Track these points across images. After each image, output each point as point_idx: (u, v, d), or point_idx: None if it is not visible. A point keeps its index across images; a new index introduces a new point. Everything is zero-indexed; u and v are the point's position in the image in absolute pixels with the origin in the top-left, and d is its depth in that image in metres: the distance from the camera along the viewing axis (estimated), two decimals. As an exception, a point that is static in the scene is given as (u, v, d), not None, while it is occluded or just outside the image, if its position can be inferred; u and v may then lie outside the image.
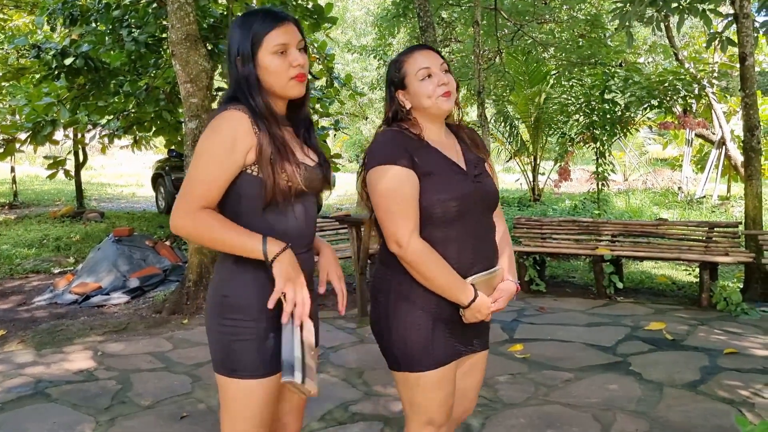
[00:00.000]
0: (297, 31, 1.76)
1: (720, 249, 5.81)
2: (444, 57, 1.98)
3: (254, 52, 1.71)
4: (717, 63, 12.96)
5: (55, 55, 6.67)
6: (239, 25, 1.74)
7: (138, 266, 6.59)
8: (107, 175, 23.69)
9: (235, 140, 1.64)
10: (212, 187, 1.65)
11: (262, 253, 1.62)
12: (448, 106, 1.91)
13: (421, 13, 7.12)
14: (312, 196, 1.81)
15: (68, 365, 4.16)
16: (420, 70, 1.89)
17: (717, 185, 13.35)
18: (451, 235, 1.87)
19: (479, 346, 2.03)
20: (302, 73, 1.74)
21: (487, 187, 1.96)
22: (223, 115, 1.66)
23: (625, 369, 4.00)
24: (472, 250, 1.89)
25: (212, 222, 1.64)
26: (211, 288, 1.78)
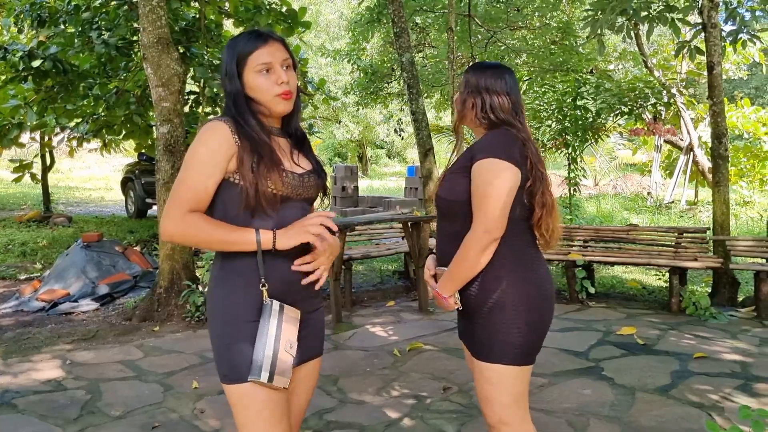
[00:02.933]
0: (282, 50, 1.82)
1: (689, 254, 5.91)
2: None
3: (240, 72, 1.79)
4: (685, 71, 13.23)
5: (22, 57, 6.53)
6: (227, 46, 1.84)
7: (107, 272, 6.47)
8: (75, 179, 23.32)
9: (218, 148, 1.71)
10: (199, 191, 1.72)
11: (256, 244, 1.69)
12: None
13: (396, 19, 7.13)
14: (303, 202, 1.85)
15: (36, 375, 4.06)
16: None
17: (685, 190, 13.61)
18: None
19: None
20: (287, 91, 1.79)
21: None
22: (207, 126, 1.75)
23: (597, 374, 4.04)
24: (437, 248, 2.15)
25: (202, 223, 1.71)
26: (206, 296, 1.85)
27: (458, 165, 2.04)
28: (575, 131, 8.58)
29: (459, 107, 2.15)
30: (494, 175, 1.91)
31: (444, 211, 2.08)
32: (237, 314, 1.73)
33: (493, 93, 2.06)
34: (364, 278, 7.38)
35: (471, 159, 1.98)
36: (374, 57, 15.70)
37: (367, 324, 5.31)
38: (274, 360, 1.67)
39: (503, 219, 1.91)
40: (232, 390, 1.72)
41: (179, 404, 3.56)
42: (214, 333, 1.77)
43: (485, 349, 2.01)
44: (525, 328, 2.01)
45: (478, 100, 2.07)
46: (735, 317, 5.44)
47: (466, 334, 2.11)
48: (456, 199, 2.00)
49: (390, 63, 14.44)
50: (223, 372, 1.74)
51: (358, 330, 5.15)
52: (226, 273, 1.76)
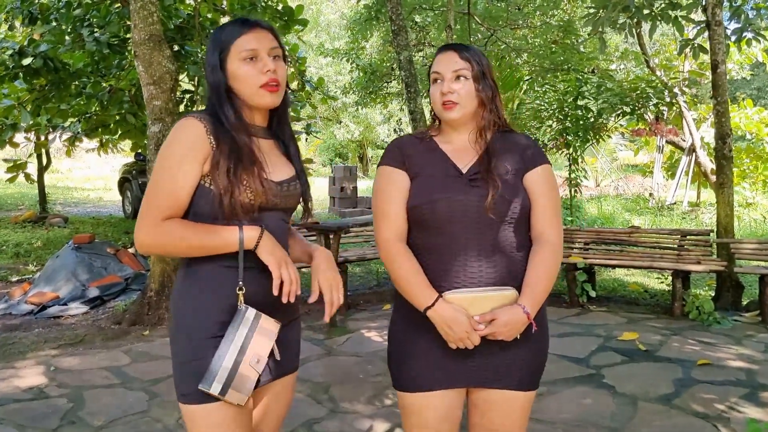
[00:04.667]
0: (271, 38, 1.66)
1: (692, 257, 5.78)
2: (470, 57, 1.80)
3: (223, 60, 1.63)
4: (687, 71, 13.10)
5: (12, 55, 6.40)
6: (212, 34, 1.69)
7: (98, 275, 6.34)
8: (74, 179, 23.21)
9: (192, 145, 1.56)
10: (176, 194, 1.56)
11: (238, 243, 1.55)
12: (449, 116, 1.80)
13: (394, 17, 7.01)
14: (282, 212, 1.71)
15: (18, 382, 3.93)
16: (432, 73, 1.84)
17: (687, 192, 13.48)
18: (432, 243, 1.74)
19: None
20: (273, 79, 1.62)
21: (487, 192, 1.71)
22: (179, 124, 1.61)
23: (598, 382, 3.91)
24: (460, 264, 1.71)
25: (180, 228, 1.55)
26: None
27: (510, 167, 1.77)
28: (576, 131, 8.44)
29: (477, 100, 1.79)
30: (557, 182, 1.81)
31: (508, 217, 1.73)
32: (199, 328, 1.58)
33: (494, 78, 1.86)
34: (360, 281, 7.25)
35: (523, 161, 1.79)
36: (373, 56, 15.58)
37: (362, 329, 5.18)
38: (233, 372, 1.52)
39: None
40: (187, 411, 1.58)
41: (163, 413, 3.43)
42: (174, 348, 1.63)
43: (532, 377, 1.79)
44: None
45: (497, 95, 1.83)
46: (739, 322, 5.31)
47: (501, 366, 1.76)
48: (528, 204, 1.76)
49: (389, 62, 14.32)
50: (181, 390, 1.59)
51: (353, 335, 5.02)
52: (190, 282, 1.62)
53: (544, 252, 1.74)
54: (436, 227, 1.73)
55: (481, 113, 1.82)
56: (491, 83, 1.81)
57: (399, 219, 1.76)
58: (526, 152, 1.82)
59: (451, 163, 1.79)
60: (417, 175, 1.78)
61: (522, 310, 1.67)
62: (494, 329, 1.65)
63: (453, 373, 1.75)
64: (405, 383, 1.78)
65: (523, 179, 1.79)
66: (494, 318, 1.65)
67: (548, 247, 1.74)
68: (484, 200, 1.70)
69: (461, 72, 1.77)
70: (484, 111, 1.81)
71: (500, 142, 1.82)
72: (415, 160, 1.80)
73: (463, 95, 1.77)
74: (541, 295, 1.71)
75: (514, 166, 1.79)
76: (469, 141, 1.83)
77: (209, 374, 1.52)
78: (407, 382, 1.78)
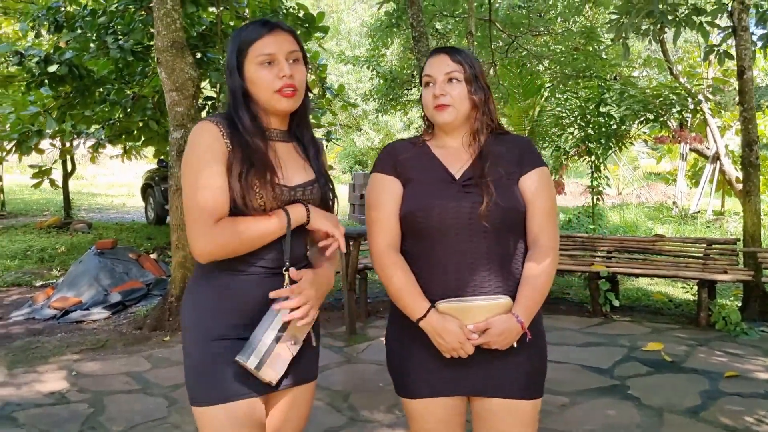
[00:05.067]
0: (291, 41, 1.65)
1: (718, 266, 5.67)
2: (462, 60, 1.79)
3: (241, 63, 1.62)
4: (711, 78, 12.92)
5: (38, 62, 6.49)
6: (233, 34, 1.68)
7: (120, 280, 6.38)
8: (99, 185, 23.48)
9: (211, 148, 1.57)
10: (214, 197, 1.55)
11: (287, 223, 1.59)
12: (441, 118, 1.77)
13: (414, 23, 7.00)
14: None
15: (39, 386, 3.96)
16: (423, 76, 1.81)
17: (711, 200, 13.27)
18: (425, 250, 1.71)
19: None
20: (289, 85, 1.61)
21: (481, 199, 1.68)
22: (195, 129, 1.62)
23: (623, 393, 3.84)
24: (453, 273, 1.68)
25: (234, 224, 1.55)
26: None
27: (503, 171, 1.74)
28: (598, 138, 8.35)
29: (470, 102, 1.77)
30: (553, 186, 1.78)
31: (502, 224, 1.69)
32: (208, 332, 1.59)
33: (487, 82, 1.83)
34: (380, 288, 7.20)
35: (519, 164, 1.76)
36: (394, 63, 15.58)
37: (382, 336, 5.14)
38: (270, 349, 1.54)
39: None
40: (199, 413, 1.58)
41: (183, 420, 3.43)
42: (184, 352, 1.64)
43: (533, 385, 1.76)
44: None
45: (489, 97, 1.81)
46: (767, 333, 5.19)
47: (499, 375, 1.72)
48: (523, 210, 1.73)
49: (410, 69, 14.31)
50: (192, 394, 1.60)
51: (373, 342, 4.99)
52: (200, 288, 1.63)
53: (539, 258, 1.71)
54: (428, 234, 1.71)
55: (473, 116, 1.80)
56: (484, 86, 1.79)
57: (392, 227, 1.75)
58: (521, 155, 1.79)
59: (444, 168, 1.77)
60: (409, 181, 1.76)
61: (515, 320, 1.65)
62: (488, 338, 1.65)
63: (450, 381, 1.73)
64: (405, 390, 1.78)
65: (518, 182, 1.76)
66: (488, 327, 1.64)
67: (543, 252, 1.72)
68: (478, 206, 1.67)
69: (453, 74, 1.75)
70: (477, 113, 1.79)
71: (494, 145, 1.79)
72: (408, 165, 1.78)
73: (455, 97, 1.75)
74: (535, 303, 1.70)
75: (508, 169, 1.75)
76: (462, 144, 1.81)
77: (248, 347, 1.54)
78: (407, 389, 1.78)
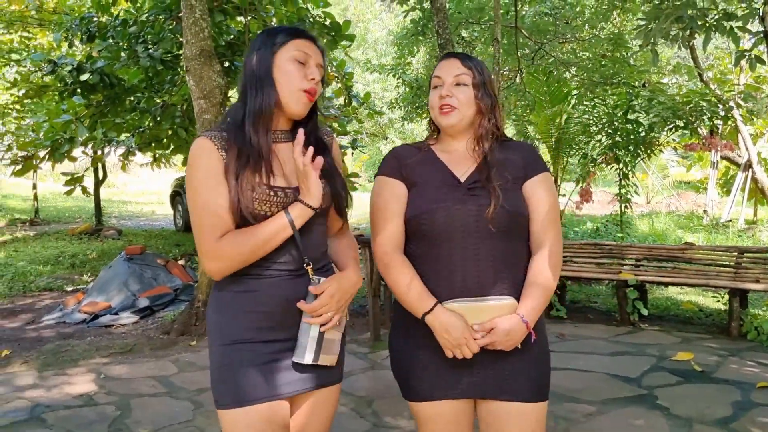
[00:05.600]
0: (320, 56, 1.70)
1: (750, 275, 5.55)
2: (473, 66, 1.81)
3: (274, 52, 1.64)
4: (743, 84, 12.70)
5: (71, 71, 6.64)
6: (268, 29, 1.71)
7: (149, 285, 6.48)
8: (129, 193, 23.87)
9: (207, 165, 1.60)
10: (217, 214, 1.58)
11: (290, 226, 1.59)
12: (446, 120, 1.79)
13: (440, 31, 7.01)
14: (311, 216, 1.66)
15: (69, 389, 4.03)
16: (433, 78, 1.84)
17: (743, 209, 13.02)
18: (431, 252, 1.72)
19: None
20: (314, 89, 1.65)
21: (487, 201, 1.69)
22: (190, 150, 1.64)
23: (651, 402, 3.77)
24: (458, 275, 1.69)
25: (236, 236, 1.57)
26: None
27: (509, 176, 1.75)
28: (626, 146, 8.25)
29: (476, 107, 1.79)
30: (556, 191, 1.80)
31: (508, 228, 1.71)
32: (231, 336, 1.61)
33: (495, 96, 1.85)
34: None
35: (523, 170, 1.78)
36: (420, 72, 15.61)
37: (406, 343, 5.13)
38: (320, 339, 1.62)
39: None
40: (222, 415, 1.60)
41: (208, 423, 3.46)
42: (210, 356, 1.67)
43: (538, 388, 1.75)
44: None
45: (496, 105, 1.82)
46: (802, 344, 5.06)
47: (504, 378, 1.72)
48: (527, 214, 1.75)
49: (436, 77, 14.31)
50: (216, 396, 1.63)
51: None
52: (222, 292, 1.65)
53: (543, 261, 1.73)
54: (434, 237, 1.72)
55: (478, 121, 1.81)
56: (491, 93, 1.81)
57: (396, 230, 1.76)
58: (525, 160, 1.81)
59: (449, 172, 1.79)
60: (415, 184, 1.77)
61: (521, 319, 1.66)
62: (493, 338, 1.65)
63: (454, 384, 1.73)
64: (411, 394, 1.78)
65: (522, 187, 1.78)
66: (493, 327, 1.64)
67: (547, 255, 1.74)
68: (483, 210, 1.69)
69: (462, 78, 1.78)
70: (482, 119, 1.80)
71: (499, 150, 1.81)
72: (413, 169, 1.80)
73: (461, 101, 1.77)
74: (540, 305, 1.70)
75: (513, 174, 1.77)
76: (467, 149, 1.82)
77: (299, 348, 1.61)
78: (413, 392, 1.78)
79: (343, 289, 1.66)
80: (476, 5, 12.16)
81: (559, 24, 11.87)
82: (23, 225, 13.25)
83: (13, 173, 7.93)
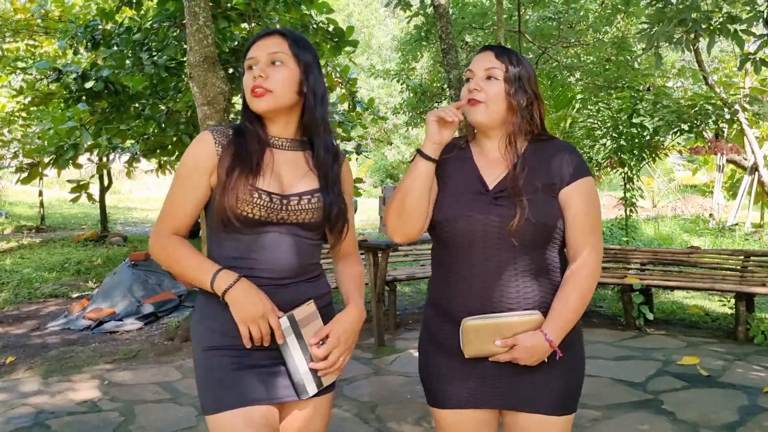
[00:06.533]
0: (278, 44, 1.65)
1: (756, 279, 5.52)
2: (507, 59, 1.69)
3: (246, 66, 1.69)
4: (748, 87, 12.67)
5: (75, 79, 6.67)
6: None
7: (153, 291, 6.48)
8: (134, 200, 23.96)
9: (196, 163, 1.61)
10: (178, 211, 1.62)
11: (210, 287, 1.56)
12: (472, 115, 1.68)
13: (443, 35, 7.02)
14: (293, 227, 1.63)
15: (73, 395, 4.03)
16: (466, 71, 1.75)
17: (750, 212, 12.97)
18: (453, 262, 1.66)
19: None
20: (256, 86, 1.61)
21: (512, 212, 1.59)
22: (195, 138, 1.65)
23: (657, 407, 3.74)
24: (477, 287, 1.62)
25: (176, 250, 1.60)
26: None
27: (539, 184, 1.64)
28: (631, 150, 8.23)
29: (506, 103, 1.67)
30: (598, 197, 1.68)
31: (533, 240, 1.61)
32: (212, 342, 1.61)
33: (537, 90, 1.72)
34: (409, 300, 7.20)
35: (559, 176, 1.64)
36: (424, 77, 15.63)
37: (410, 348, 5.12)
38: (313, 370, 1.61)
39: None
40: (209, 422, 1.58)
41: (212, 429, 3.45)
42: (194, 363, 1.66)
43: (565, 401, 1.68)
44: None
45: (534, 103, 1.69)
46: (809, 348, 5.02)
47: (528, 390, 1.66)
48: (556, 225, 1.63)
49: (439, 82, 14.33)
50: (201, 403, 1.61)
51: (401, 354, 4.97)
52: (204, 299, 1.64)
53: (577, 275, 1.62)
54: (455, 246, 1.65)
55: (510, 119, 1.68)
56: (527, 90, 1.68)
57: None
58: (562, 165, 1.67)
59: (478, 176, 1.69)
60: (444, 184, 1.70)
61: (544, 338, 1.57)
62: (515, 355, 1.59)
63: (477, 393, 1.68)
64: (434, 400, 1.75)
65: (559, 194, 1.65)
66: (516, 343, 1.58)
67: (582, 269, 1.62)
68: (507, 220, 1.59)
69: (492, 72, 1.66)
70: (514, 117, 1.68)
71: (534, 153, 1.69)
72: (446, 166, 1.72)
73: (490, 95, 1.66)
74: (566, 322, 1.61)
75: (547, 180, 1.64)
76: (499, 149, 1.71)
77: (298, 386, 1.61)
78: (435, 398, 1.74)
79: (346, 335, 1.64)
80: (479, 10, 12.19)
81: (562, 28, 11.87)
82: (29, 232, 13.30)
83: (19, 180, 7.96)
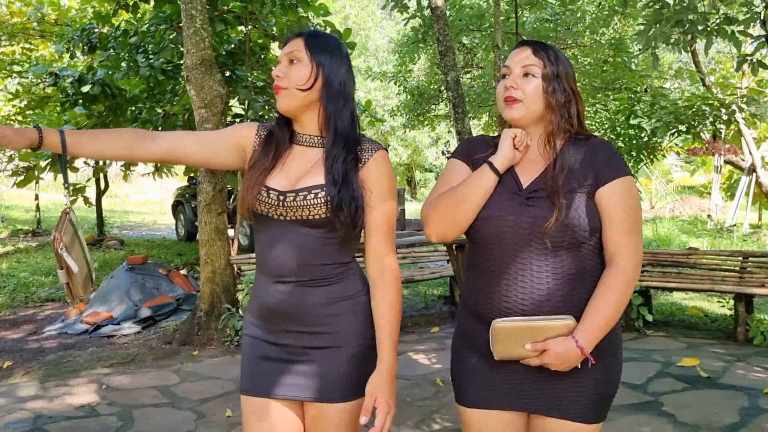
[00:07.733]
0: (297, 43, 1.65)
1: (755, 280, 5.51)
2: (545, 56, 1.64)
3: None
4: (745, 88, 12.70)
5: (72, 82, 6.66)
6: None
7: (151, 295, 6.46)
8: (131, 203, 23.92)
9: (240, 129, 1.73)
10: (192, 133, 1.72)
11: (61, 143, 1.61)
12: (509, 114, 1.64)
13: (441, 37, 7.02)
14: (296, 224, 1.59)
15: (71, 399, 4.00)
16: (503, 67, 1.71)
17: (748, 213, 12.99)
18: (484, 262, 1.62)
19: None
20: (275, 85, 1.66)
21: (544, 213, 1.55)
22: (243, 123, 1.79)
23: (657, 409, 3.73)
24: (511, 290, 1.58)
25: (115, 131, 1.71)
26: None
27: (575, 184, 1.59)
28: (629, 151, 8.26)
29: (544, 102, 1.62)
30: (638, 197, 1.61)
31: (565, 242, 1.56)
32: (245, 328, 1.75)
33: (576, 87, 1.68)
34: (408, 303, 7.17)
35: (596, 175, 1.58)
36: (421, 79, 15.64)
37: (409, 351, 5.10)
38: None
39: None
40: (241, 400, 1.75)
41: (210, 434, 3.43)
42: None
43: (595, 409, 1.63)
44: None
45: (572, 101, 1.65)
46: (809, 348, 5.02)
47: (558, 395, 1.62)
48: (590, 227, 1.56)
49: (437, 84, 14.34)
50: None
51: (400, 357, 4.95)
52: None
53: (613, 279, 1.56)
54: (486, 246, 1.61)
55: (548, 117, 1.64)
56: (565, 87, 1.63)
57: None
58: (599, 164, 1.61)
59: (512, 175, 1.64)
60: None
61: (575, 344, 1.51)
62: (546, 360, 1.54)
63: (504, 396, 1.64)
64: (461, 398, 1.73)
65: (596, 195, 1.59)
66: (546, 349, 1.53)
67: (618, 273, 1.56)
68: (539, 222, 1.54)
69: (530, 69, 1.62)
70: (553, 115, 1.64)
71: (571, 152, 1.63)
72: (479, 165, 1.66)
73: (527, 93, 1.61)
74: (599, 328, 1.54)
75: (584, 181, 1.59)
76: (537, 148, 1.66)
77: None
78: (463, 397, 1.72)
79: (386, 390, 1.59)
80: (477, 12, 12.20)
81: (560, 30, 11.88)
82: (25, 236, 13.25)
83: (15, 184, 7.94)
